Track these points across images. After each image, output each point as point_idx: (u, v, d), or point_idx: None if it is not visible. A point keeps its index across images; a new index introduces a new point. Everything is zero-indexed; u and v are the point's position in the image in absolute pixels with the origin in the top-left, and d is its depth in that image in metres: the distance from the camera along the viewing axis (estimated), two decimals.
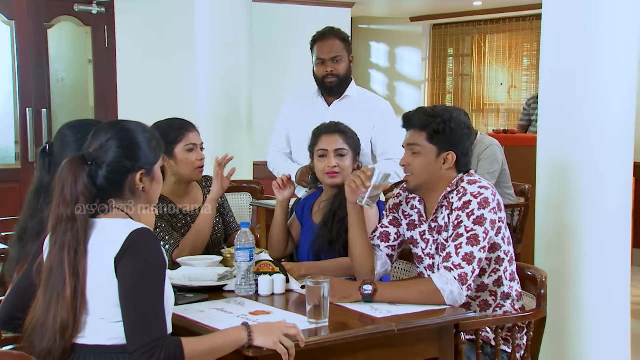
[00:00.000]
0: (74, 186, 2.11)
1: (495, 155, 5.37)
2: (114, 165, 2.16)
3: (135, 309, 2.04)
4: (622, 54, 3.47)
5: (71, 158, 2.16)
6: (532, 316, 2.82)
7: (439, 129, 2.76)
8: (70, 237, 2.09)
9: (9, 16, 6.73)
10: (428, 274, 2.87)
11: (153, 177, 2.25)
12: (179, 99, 7.18)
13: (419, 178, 2.81)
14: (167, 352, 2.01)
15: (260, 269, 2.80)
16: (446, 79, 10.53)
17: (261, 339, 2.16)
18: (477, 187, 2.73)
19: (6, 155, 6.84)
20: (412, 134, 2.82)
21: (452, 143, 2.78)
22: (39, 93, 6.82)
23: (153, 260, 2.08)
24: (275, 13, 8.10)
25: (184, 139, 3.35)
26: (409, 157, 2.82)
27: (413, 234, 2.94)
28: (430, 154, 2.78)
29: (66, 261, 2.07)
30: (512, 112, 9.64)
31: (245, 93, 6.33)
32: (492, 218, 2.68)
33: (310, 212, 3.41)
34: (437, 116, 2.78)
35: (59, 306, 2.06)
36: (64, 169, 2.14)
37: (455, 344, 2.59)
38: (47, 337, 2.07)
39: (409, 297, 2.62)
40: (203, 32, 6.28)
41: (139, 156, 2.20)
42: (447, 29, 10.32)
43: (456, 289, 2.60)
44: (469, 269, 2.63)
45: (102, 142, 2.19)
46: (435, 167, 2.78)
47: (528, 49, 9.54)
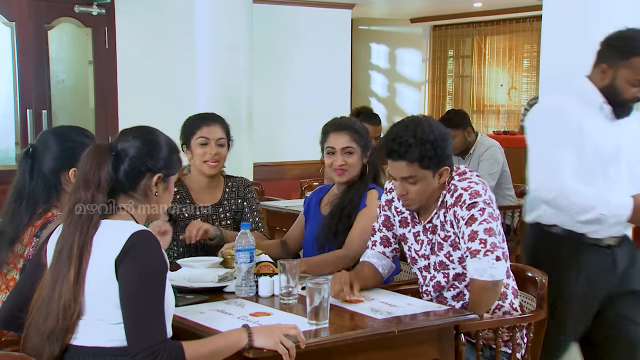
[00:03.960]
0: (98, 171, 2.15)
1: (496, 157, 5.37)
2: (136, 161, 2.19)
3: (136, 312, 2.04)
4: None
5: (98, 145, 2.20)
6: (532, 317, 2.82)
7: (430, 154, 2.68)
8: (85, 219, 2.11)
9: (10, 17, 6.73)
10: (424, 275, 2.88)
11: (167, 187, 2.28)
12: (179, 100, 7.18)
13: (420, 202, 2.78)
14: (169, 356, 2.01)
15: (260, 270, 2.80)
16: (446, 80, 10.53)
17: (262, 340, 2.17)
18: (467, 183, 2.73)
19: (6, 157, 6.85)
20: (404, 168, 2.71)
21: (443, 159, 2.72)
22: (39, 94, 6.82)
23: (153, 262, 2.08)
24: (276, 14, 8.10)
25: (199, 131, 3.41)
26: (407, 185, 2.74)
27: (405, 231, 2.93)
28: (427, 178, 2.72)
29: (77, 243, 2.09)
30: (513, 113, 9.65)
31: (245, 94, 6.33)
32: (485, 207, 2.69)
33: (319, 205, 3.43)
34: (424, 142, 2.66)
35: (64, 286, 2.07)
36: (89, 155, 2.17)
37: (455, 346, 2.59)
38: (51, 316, 2.08)
39: (482, 309, 2.68)
40: (203, 34, 6.28)
41: (161, 160, 2.23)
42: (447, 30, 10.32)
43: (493, 269, 2.62)
44: (492, 240, 2.64)
45: (128, 138, 2.23)
46: (433, 185, 2.74)
47: (528, 50, 9.55)
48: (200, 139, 3.40)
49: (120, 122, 7.05)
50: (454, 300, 2.81)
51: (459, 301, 2.81)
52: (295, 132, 8.09)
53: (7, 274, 2.58)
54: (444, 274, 2.80)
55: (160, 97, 7.30)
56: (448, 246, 2.77)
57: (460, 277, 2.78)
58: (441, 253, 2.79)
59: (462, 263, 2.76)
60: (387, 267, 2.98)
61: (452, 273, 2.79)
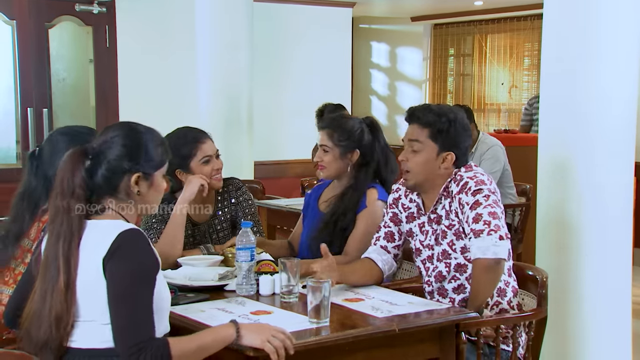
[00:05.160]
0: (71, 179, 2.12)
1: (498, 156, 5.38)
2: (113, 164, 2.16)
3: (122, 310, 2.03)
4: (624, 53, 3.46)
5: (73, 150, 2.16)
6: (532, 316, 2.82)
7: (443, 128, 2.79)
8: (65, 229, 2.09)
9: (10, 16, 6.73)
10: (427, 267, 2.89)
11: (152, 183, 2.23)
12: (179, 98, 7.18)
13: (416, 176, 2.84)
14: (155, 353, 2.00)
15: (261, 269, 2.80)
16: (447, 78, 10.51)
17: (249, 336, 2.15)
18: (473, 173, 2.80)
19: (7, 155, 6.84)
20: (415, 130, 2.84)
21: (454, 143, 2.81)
22: (40, 93, 6.82)
23: (141, 261, 2.06)
24: (276, 13, 8.09)
25: (199, 152, 3.29)
26: (409, 153, 2.84)
27: (411, 226, 2.96)
28: (431, 152, 2.80)
29: (60, 252, 2.07)
30: (513, 111, 9.63)
31: (245, 93, 6.33)
32: (489, 194, 2.71)
33: (318, 201, 3.44)
34: (443, 115, 2.80)
35: (54, 298, 2.06)
36: (65, 161, 2.14)
37: (456, 344, 2.59)
38: (43, 328, 2.07)
39: (484, 292, 2.68)
40: (204, 32, 6.28)
41: (140, 158, 2.19)
42: (448, 28, 10.30)
43: (497, 247, 2.63)
44: (496, 222, 2.66)
45: (107, 138, 2.19)
46: (434, 165, 2.80)
47: (529, 48, 9.53)
48: (204, 159, 3.29)
49: (120, 120, 7.03)
50: (454, 293, 2.84)
51: (459, 294, 2.82)
52: (295, 131, 8.08)
53: (15, 269, 2.61)
54: (445, 263, 2.83)
55: (161, 95, 7.29)
56: (452, 235, 2.81)
57: (461, 268, 2.81)
58: (444, 242, 2.83)
59: (464, 253, 2.79)
60: (387, 263, 2.98)
61: (454, 263, 2.82)
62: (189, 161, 3.29)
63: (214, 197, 3.43)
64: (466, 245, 2.77)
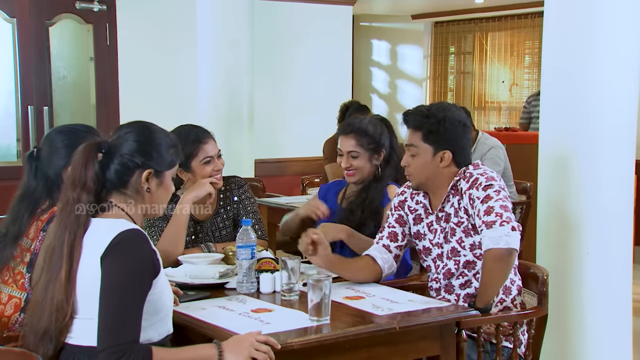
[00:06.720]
0: (84, 171, 2.13)
1: (498, 157, 5.37)
2: (125, 158, 2.17)
3: (109, 308, 2.02)
4: (624, 51, 3.46)
5: (87, 144, 2.18)
6: (533, 314, 2.82)
7: (433, 129, 2.83)
8: (73, 220, 2.10)
9: (11, 14, 6.72)
10: (437, 264, 2.90)
11: (162, 182, 2.24)
12: (180, 96, 7.18)
13: (418, 178, 2.90)
14: (135, 358, 1.98)
15: (261, 267, 2.80)
16: (448, 76, 10.51)
17: (232, 357, 2.10)
18: (483, 170, 2.85)
19: (8, 153, 6.84)
20: (410, 134, 2.89)
21: (447, 141, 2.84)
22: (40, 91, 6.81)
23: (136, 262, 2.05)
24: (277, 11, 8.08)
25: (200, 152, 3.28)
26: (409, 158, 2.89)
27: (419, 227, 2.97)
28: (426, 153, 2.85)
29: (66, 242, 2.08)
30: (514, 109, 9.63)
31: (246, 91, 6.33)
32: (500, 190, 2.74)
33: (336, 198, 3.49)
34: (431, 116, 2.84)
35: (55, 286, 2.07)
36: (78, 153, 2.16)
37: (457, 342, 2.59)
38: (45, 317, 2.08)
39: (494, 283, 2.69)
40: (205, 30, 6.28)
41: (152, 155, 2.20)
42: (449, 26, 10.30)
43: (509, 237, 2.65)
44: (508, 215, 2.69)
45: (121, 134, 2.21)
46: (432, 165, 2.85)
47: (530, 46, 9.53)
48: (205, 159, 3.27)
49: (121, 118, 7.03)
50: (461, 289, 2.86)
51: (465, 289, 2.84)
52: (296, 129, 8.08)
53: (15, 269, 2.60)
54: (455, 261, 2.85)
55: (162, 93, 7.29)
56: (460, 232, 2.83)
57: (470, 264, 2.83)
58: (453, 239, 2.84)
59: (474, 250, 2.81)
60: (387, 262, 2.98)
61: (463, 260, 2.84)
62: (190, 161, 3.27)
63: (216, 195, 3.43)
64: (475, 242, 2.79)
